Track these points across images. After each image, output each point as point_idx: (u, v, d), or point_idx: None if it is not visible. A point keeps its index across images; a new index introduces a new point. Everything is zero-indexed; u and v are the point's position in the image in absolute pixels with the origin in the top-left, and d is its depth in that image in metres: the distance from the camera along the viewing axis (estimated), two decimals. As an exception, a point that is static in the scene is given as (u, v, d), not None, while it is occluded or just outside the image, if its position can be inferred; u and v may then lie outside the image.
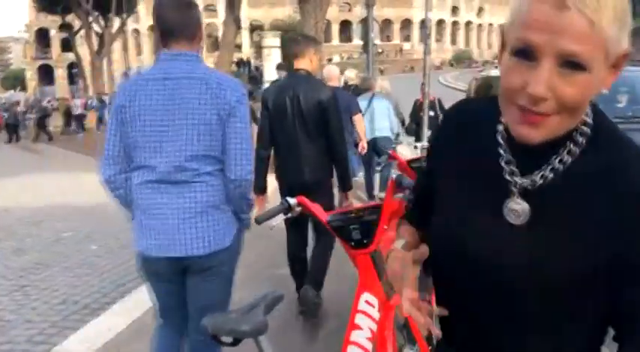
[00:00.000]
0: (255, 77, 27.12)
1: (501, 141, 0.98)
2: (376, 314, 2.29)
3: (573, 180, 0.92)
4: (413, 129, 8.16)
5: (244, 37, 66.68)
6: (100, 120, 27.51)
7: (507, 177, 0.96)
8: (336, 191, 4.12)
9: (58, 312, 4.59)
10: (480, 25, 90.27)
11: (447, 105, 8.88)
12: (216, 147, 2.23)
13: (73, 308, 4.64)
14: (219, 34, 59.25)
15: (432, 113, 8.09)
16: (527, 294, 0.94)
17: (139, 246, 2.33)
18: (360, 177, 7.10)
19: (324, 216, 2.39)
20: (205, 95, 2.19)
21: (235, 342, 1.76)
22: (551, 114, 0.84)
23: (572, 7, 0.78)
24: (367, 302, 2.28)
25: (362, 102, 6.67)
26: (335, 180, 4.00)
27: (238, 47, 46.35)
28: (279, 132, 3.82)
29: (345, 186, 3.90)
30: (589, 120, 0.93)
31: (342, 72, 21.89)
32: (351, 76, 7.88)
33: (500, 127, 0.99)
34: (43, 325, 4.34)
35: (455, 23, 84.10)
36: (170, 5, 2.26)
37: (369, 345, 2.23)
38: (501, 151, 0.98)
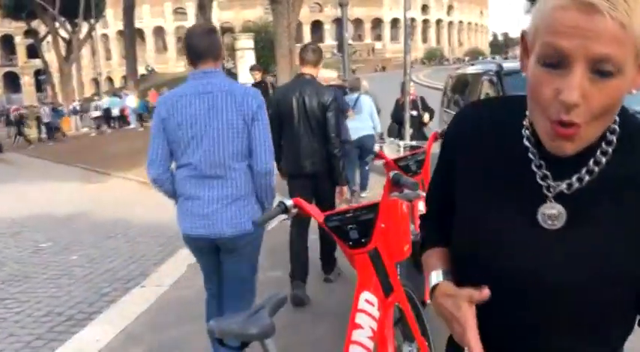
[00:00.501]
0: None
1: (529, 145, 0.96)
2: (376, 313, 2.28)
3: (607, 181, 0.91)
4: (395, 129, 7.97)
5: (215, 40, 66.10)
6: (57, 129, 26.72)
7: (540, 181, 0.94)
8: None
9: (43, 324, 4.49)
10: (450, 23, 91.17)
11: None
12: (242, 146, 2.70)
13: (58, 320, 4.55)
14: (190, 37, 58.57)
15: (414, 113, 7.89)
16: (564, 298, 0.92)
17: (182, 228, 2.82)
18: None
19: (320, 217, 2.37)
20: (232, 104, 2.65)
21: (242, 346, 1.73)
22: (582, 123, 0.82)
23: (603, 11, 0.76)
24: (367, 301, 2.27)
25: (349, 101, 6.92)
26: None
27: (210, 50, 46.03)
28: (286, 128, 4.18)
29: (338, 180, 4.20)
30: (616, 118, 0.91)
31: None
32: (333, 76, 7.96)
33: (527, 132, 0.96)
34: (28, 338, 4.24)
35: (425, 21, 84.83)
36: (197, 33, 2.77)
37: (370, 344, 2.23)
38: (531, 156, 0.95)
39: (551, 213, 0.93)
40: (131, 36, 32.32)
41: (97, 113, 27.17)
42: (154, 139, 2.75)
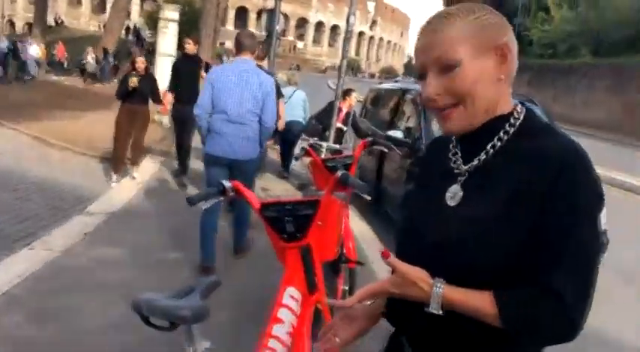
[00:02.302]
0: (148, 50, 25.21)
1: (451, 147, 1.26)
2: (298, 310, 2.25)
3: (500, 160, 1.15)
4: (317, 130, 7.72)
5: (135, 4, 63.42)
6: None
7: (452, 165, 1.22)
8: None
9: None
10: (371, 38, 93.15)
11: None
12: (257, 108, 4.29)
13: None
14: (108, -5, 55.38)
15: (345, 128, 7.76)
16: (457, 267, 1.11)
17: (210, 150, 4.34)
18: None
19: (257, 204, 2.31)
20: (256, 83, 4.28)
21: (172, 327, 1.64)
22: (452, 106, 1.14)
23: (429, 31, 1.14)
24: (291, 296, 2.24)
25: (287, 93, 8.09)
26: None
27: (127, 13, 43.87)
28: None
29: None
30: (520, 115, 1.17)
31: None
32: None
33: (454, 138, 1.26)
34: None
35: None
36: (245, 35, 4.49)
37: (288, 340, 2.19)
38: (451, 148, 1.25)
39: (452, 191, 1.20)
40: (44, -18, 30.11)
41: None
42: (205, 92, 4.28)
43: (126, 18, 31.34)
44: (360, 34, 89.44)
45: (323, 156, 5.49)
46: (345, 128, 7.72)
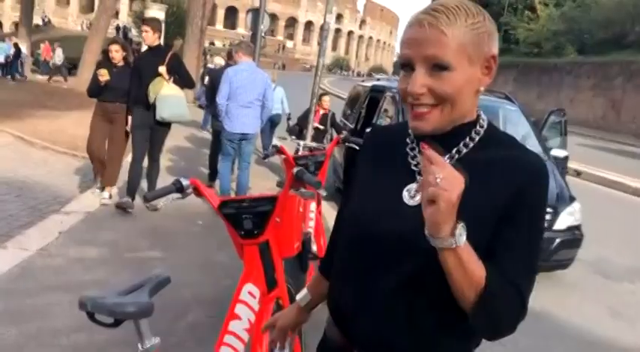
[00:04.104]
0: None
1: (409, 141, 1.24)
2: (256, 306, 2.27)
3: (465, 165, 1.08)
4: (296, 130, 8.19)
5: (123, 4, 63.18)
6: None
7: (410, 160, 1.21)
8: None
9: None
10: (360, 37, 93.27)
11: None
12: (260, 96, 6.07)
13: None
14: (96, -5, 55.09)
15: (322, 127, 8.22)
16: (412, 262, 1.12)
17: (229, 128, 6.08)
18: None
19: (216, 202, 2.32)
20: (260, 79, 6.10)
21: (116, 323, 1.64)
22: (432, 106, 1.11)
23: (426, 25, 1.07)
24: (250, 293, 2.25)
25: None
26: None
27: (115, 13, 43.69)
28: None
29: None
30: (484, 124, 1.19)
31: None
32: (221, 63, 10.63)
33: (411, 132, 1.24)
34: None
35: (338, 30, 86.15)
36: (246, 43, 6.57)
37: (245, 336, 2.21)
38: (408, 141, 1.24)
39: (414, 191, 1.17)
40: (31, -19, 29.84)
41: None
42: (224, 86, 5.93)
43: (114, 17, 31.20)
44: (350, 33, 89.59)
45: (300, 153, 5.52)
46: (321, 127, 8.07)
